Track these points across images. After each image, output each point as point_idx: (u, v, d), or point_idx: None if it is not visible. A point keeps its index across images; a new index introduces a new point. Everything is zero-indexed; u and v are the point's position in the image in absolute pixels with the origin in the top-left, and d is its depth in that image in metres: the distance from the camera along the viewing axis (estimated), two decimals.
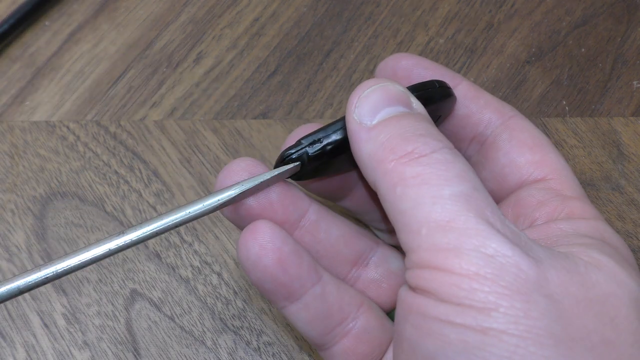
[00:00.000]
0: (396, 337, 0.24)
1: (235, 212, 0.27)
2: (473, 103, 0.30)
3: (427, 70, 0.30)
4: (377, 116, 0.25)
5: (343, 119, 0.27)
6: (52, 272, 0.24)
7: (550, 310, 0.21)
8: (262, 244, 0.26)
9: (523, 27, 0.43)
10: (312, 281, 0.27)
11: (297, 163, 0.27)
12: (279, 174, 0.27)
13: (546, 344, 0.20)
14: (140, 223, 0.25)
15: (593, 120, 0.40)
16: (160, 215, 0.25)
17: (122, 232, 0.25)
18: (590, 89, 0.41)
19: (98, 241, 0.25)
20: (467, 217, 0.22)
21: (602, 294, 0.22)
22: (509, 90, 0.41)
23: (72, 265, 0.24)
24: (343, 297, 0.28)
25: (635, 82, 0.41)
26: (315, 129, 0.28)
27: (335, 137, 0.27)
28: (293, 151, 0.27)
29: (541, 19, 0.43)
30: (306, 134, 0.27)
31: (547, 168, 0.28)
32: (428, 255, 0.22)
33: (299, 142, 0.27)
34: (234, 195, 0.26)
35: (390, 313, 0.30)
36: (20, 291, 0.24)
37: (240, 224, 0.28)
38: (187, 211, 0.25)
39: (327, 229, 0.28)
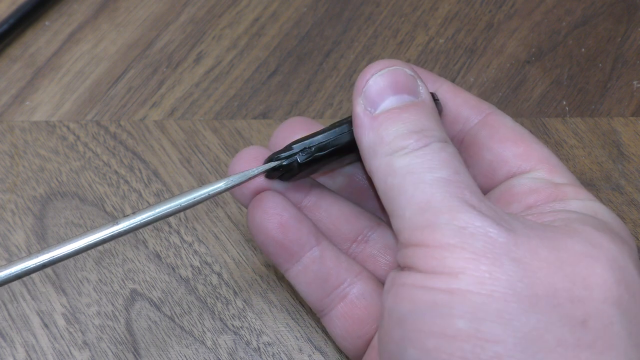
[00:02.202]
0: (381, 312, 0.25)
1: (243, 196, 0.30)
2: (450, 102, 0.30)
3: None
4: (382, 105, 0.26)
5: (335, 126, 0.28)
6: (44, 260, 0.27)
7: (515, 271, 0.22)
8: (266, 209, 0.29)
9: (523, 27, 0.43)
10: (310, 245, 0.29)
11: (277, 162, 0.29)
12: (253, 176, 0.29)
13: (509, 301, 0.22)
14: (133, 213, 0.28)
15: (593, 120, 0.40)
16: (146, 208, 0.28)
17: (115, 222, 0.27)
18: (590, 89, 0.41)
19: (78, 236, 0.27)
20: (444, 196, 0.23)
21: (576, 255, 0.23)
22: (509, 90, 0.41)
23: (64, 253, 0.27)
24: (341, 263, 0.30)
25: (635, 82, 0.41)
26: (302, 122, 0.30)
27: (326, 145, 0.28)
28: (283, 156, 0.28)
29: (541, 19, 0.43)
30: (295, 131, 0.30)
31: (533, 159, 0.28)
32: (410, 235, 0.24)
33: (289, 147, 0.28)
34: (215, 192, 0.28)
35: None
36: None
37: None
38: (157, 210, 0.28)
39: (328, 208, 0.31)
